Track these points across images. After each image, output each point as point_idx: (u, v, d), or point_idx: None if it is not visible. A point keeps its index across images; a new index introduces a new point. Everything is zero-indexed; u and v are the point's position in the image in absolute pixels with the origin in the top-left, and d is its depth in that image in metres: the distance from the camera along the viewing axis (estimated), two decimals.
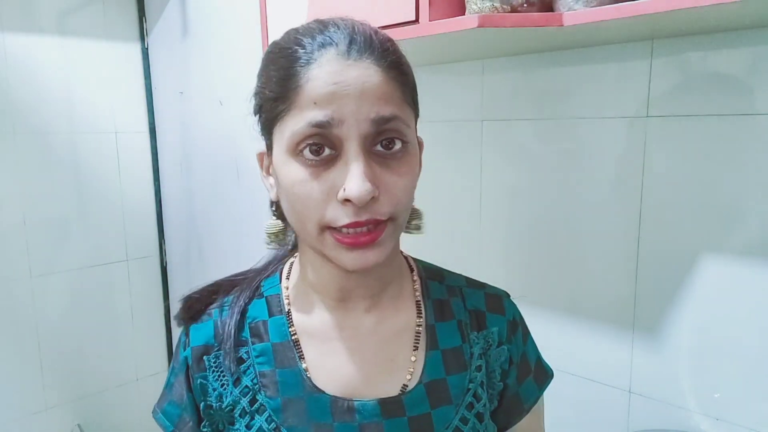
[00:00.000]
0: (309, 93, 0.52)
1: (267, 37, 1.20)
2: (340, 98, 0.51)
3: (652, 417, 1.01)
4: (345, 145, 0.52)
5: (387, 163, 0.54)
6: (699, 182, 0.92)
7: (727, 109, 0.88)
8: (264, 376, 0.61)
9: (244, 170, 1.78)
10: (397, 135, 0.54)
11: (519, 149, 1.13)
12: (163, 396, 0.67)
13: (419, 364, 0.62)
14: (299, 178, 0.53)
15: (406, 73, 0.57)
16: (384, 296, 0.64)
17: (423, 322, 0.64)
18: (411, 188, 0.56)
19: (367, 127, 0.52)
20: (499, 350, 0.66)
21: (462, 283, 0.69)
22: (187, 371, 0.64)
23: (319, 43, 0.54)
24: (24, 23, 1.80)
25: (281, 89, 0.54)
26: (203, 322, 0.66)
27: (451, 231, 1.26)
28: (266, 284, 0.68)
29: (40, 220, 1.88)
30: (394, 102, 0.53)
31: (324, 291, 0.63)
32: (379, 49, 0.54)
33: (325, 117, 0.51)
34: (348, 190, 0.51)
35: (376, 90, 0.52)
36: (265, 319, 0.64)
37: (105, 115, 2.01)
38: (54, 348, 1.96)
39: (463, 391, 0.62)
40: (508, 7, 0.84)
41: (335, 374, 0.61)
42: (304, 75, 0.52)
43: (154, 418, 0.67)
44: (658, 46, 0.94)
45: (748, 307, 0.89)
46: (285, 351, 0.62)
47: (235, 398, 0.62)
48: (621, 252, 1.01)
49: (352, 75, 0.52)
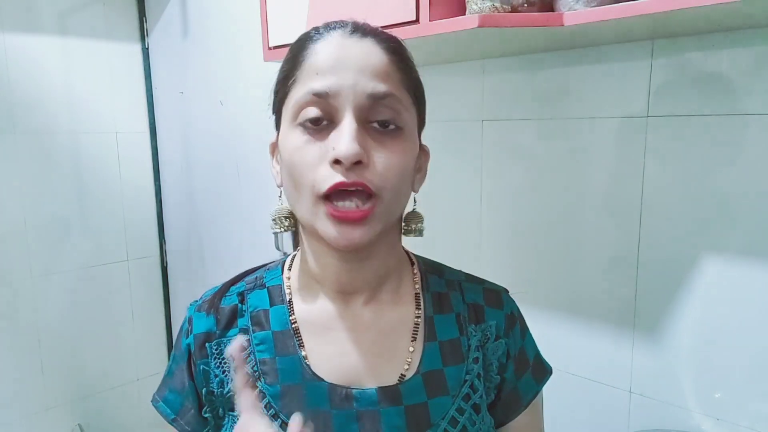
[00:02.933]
0: (312, 64, 0.56)
1: (267, 37, 1.20)
2: (340, 71, 0.55)
3: (652, 417, 1.01)
4: (340, 114, 0.55)
5: (381, 139, 0.56)
6: (699, 182, 0.92)
7: (727, 109, 0.88)
8: (264, 363, 0.62)
9: (245, 170, 1.78)
10: (392, 114, 0.56)
11: (519, 149, 1.13)
12: (163, 384, 0.68)
13: (417, 354, 0.63)
14: (298, 144, 0.56)
15: (409, 66, 0.60)
16: (383, 288, 0.65)
17: (422, 314, 0.65)
18: (400, 168, 0.57)
19: (363, 100, 0.55)
20: (496, 344, 0.67)
21: (461, 278, 0.70)
22: (189, 358, 0.65)
23: (331, 26, 0.59)
24: (24, 23, 1.80)
25: (291, 66, 0.59)
26: (206, 311, 0.67)
27: (451, 231, 1.26)
28: (268, 276, 0.69)
29: (41, 220, 1.89)
30: (391, 81, 0.56)
31: (324, 281, 0.64)
32: (383, 36, 0.59)
33: (323, 87, 0.55)
34: (336, 149, 0.53)
35: (375, 66, 0.56)
36: (266, 308, 0.65)
37: (105, 115, 2.01)
38: (54, 348, 1.96)
39: (460, 382, 0.63)
40: (509, 7, 0.84)
41: (334, 363, 0.62)
42: (311, 49, 0.57)
43: (154, 406, 0.68)
44: (658, 46, 0.94)
45: (748, 307, 0.89)
46: (285, 339, 0.63)
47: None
48: (621, 252, 1.01)
49: (354, 50, 0.56)
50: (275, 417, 0.60)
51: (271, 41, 1.19)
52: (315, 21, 0.64)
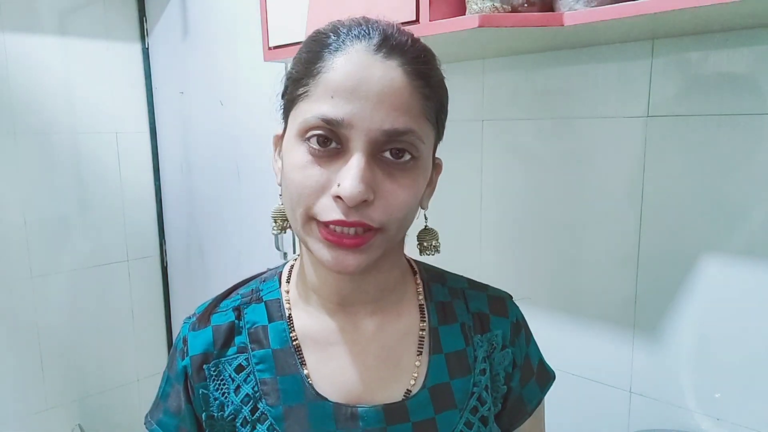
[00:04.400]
0: (328, 82, 0.51)
1: (267, 37, 1.20)
2: (357, 99, 0.50)
3: (652, 417, 1.01)
4: (351, 145, 0.51)
5: (391, 172, 0.52)
6: (699, 182, 0.92)
7: (728, 109, 0.88)
8: (265, 383, 0.60)
9: (245, 170, 1.78)
10: (408, 148, 0.52)
11: (519, 149, 1.13)
12: (157, 406, 0.65)
13: (423, 368, 0.61)
14: (300, 163, 0.52)
15: (435, 88, 0.55)
16: (386, 301, 0.63)
17: (426, 326, 0.63)
18: (409, 202, 0.53)
19: (378, 136, 0.50)
20: (503, 353, 0.65)
21: (464, 285, 0.68)
22: (186, 381, 0.62)
23: (354, 34, 0.53)
24: (25, 23, 1.80)
25: (305, 70, 0.53)
26: (202, 330, 0.63)
27: (451, 231, 1.25)
28: (265, 288, 0.66)
29: (41, 220, 1.89)
30: (411, 114, 0.52)
31: (324, 294, 0.61)
32: (410, 56, 0.53)
33: (336, 116, 0.50)
34: (341, 187, 0.49)
35: (395, 98, 0.51)
36: (264, 325, 0.62)
37: (105, 115, 2.01)
38: (54, 348, 1.96)
39: (468, 394, 0.61)
40: (509, 7, 0.84)
41: (337, 380, 0.60)
42: (329, 61, 0.52)
43: (148, 430, 0.65)
44: (658, 46, 0.94)
45: (749, 307, 0.89)
46: (286, 357, 0.60)
47: (237, 407, 0.60)
48: (622, 252, 1.01)
49: (376, 75, 0.50)
50: None
51: (271, 41, 1.19)
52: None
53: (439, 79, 0.56)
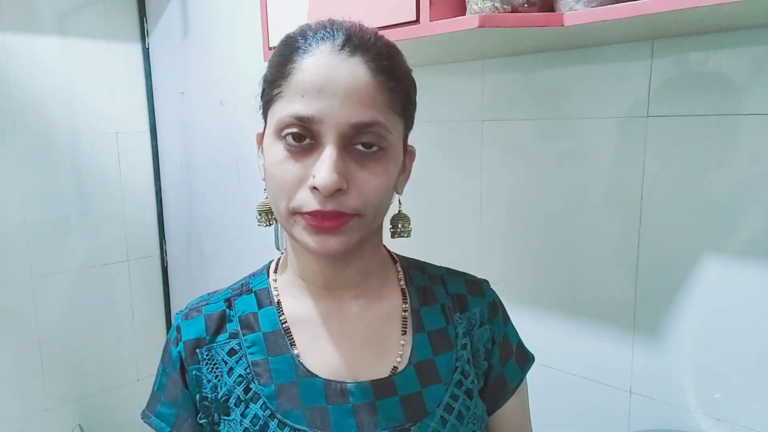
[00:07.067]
0: (298, 83, 0.55)
1: (268, 37, 1.20)
2: (326, 97, 0.54)
3: (652, 417, 1.01)
4: (323, 139, 0.55)
5: (363, 161, 0.56)
6: (699, 182, 0.92)
7: (728, 109, 0.88)
8: (257, 365, 0.63)
9: (245, 170, 1.78)
10: (375, 140, 0.56)
11: (519, 149, 1.13)
12: (154, 398, 0.67)
13: (408, 346, 0.65)
14: (278, 159, 0.56)
15: (399, 81, 0.58)
16: (368, 285, 0.66)
17: (409, 307, 0.67)
18: (382, 189, 0.57)
19: (346, 129, 0.54)
20: (481, 330, 0.69)
21: (443, 272, 0.73)
22: (181, 366, 0.65)
23: (319, 36, 0.57)
24: (25, 23, 1.80)
25: (278, 73, 0.58)
26: (194, 318, 0.67)
27: (451, 231, 1.26)
28: (254, 281, 0.69)
29: (41, 220, 1.89)
30: (377, 107, 0.55)
31: (310, 279, 0.65)
32: (373, 52, 0.56)
33: (307, 113, 0.54)
34: (316, 178, 0.53)
35: (361, 93, 0.54)
36: (255, 311, 0.66)
37: (105, 115, 2.01)
38: (54, 348, 1.96)
39: (451, 369, 0.65)
40: (509, 7, 0.84)
41: (326, 359, 0.63)
42: (298, 63, 0.56)
43: (146, 422, 0.66)
44: (658, 46, 0.94)
45: (749, 307, 0.89)
46: (276, 339, 0.64)
47: (230, 388, 0.63)
48: (621, 252, 1.01)
49: (342, 73, 0.54)
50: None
51: (271, 41, 1.19)
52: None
53: (404, 72, 0.60)
